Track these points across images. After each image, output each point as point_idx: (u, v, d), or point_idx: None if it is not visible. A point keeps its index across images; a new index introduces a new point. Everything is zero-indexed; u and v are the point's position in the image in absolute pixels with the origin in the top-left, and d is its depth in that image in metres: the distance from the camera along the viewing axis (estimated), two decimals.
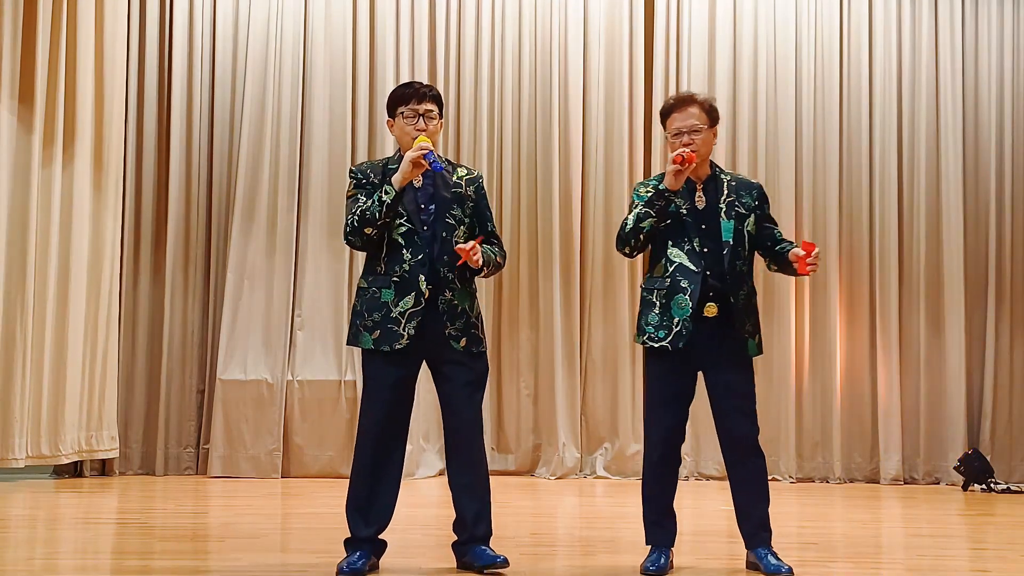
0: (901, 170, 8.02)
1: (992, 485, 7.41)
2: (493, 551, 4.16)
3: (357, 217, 4.14)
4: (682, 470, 5.01)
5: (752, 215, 4.36)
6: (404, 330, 4.11)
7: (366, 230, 4.14)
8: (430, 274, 4.15)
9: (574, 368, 7.81)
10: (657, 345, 4.25)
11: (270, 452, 7.44)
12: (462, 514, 4.20)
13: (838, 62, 8.03)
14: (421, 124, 4.21)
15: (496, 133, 7.92)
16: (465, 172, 4.36)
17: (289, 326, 7.60)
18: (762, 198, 4.42)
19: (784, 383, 7.79)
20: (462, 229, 4.24)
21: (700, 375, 4.35)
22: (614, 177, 7.90)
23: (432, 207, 4.21)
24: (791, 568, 4.19)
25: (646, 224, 4.24)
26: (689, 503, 6.35)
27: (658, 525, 4.33)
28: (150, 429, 7.56)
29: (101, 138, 7.24)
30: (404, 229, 4.16)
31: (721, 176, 4.38)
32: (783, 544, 4.35)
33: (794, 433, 7.77)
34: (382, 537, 4.22)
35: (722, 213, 4.30)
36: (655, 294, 4.30)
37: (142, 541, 4.95)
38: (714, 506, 6.29)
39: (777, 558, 4.22)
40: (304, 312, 7.64)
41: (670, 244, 4.29)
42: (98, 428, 7.19)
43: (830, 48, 8.04)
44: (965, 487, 7.49)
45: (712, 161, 4.41)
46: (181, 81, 7.70)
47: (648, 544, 4.34)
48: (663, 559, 4.26)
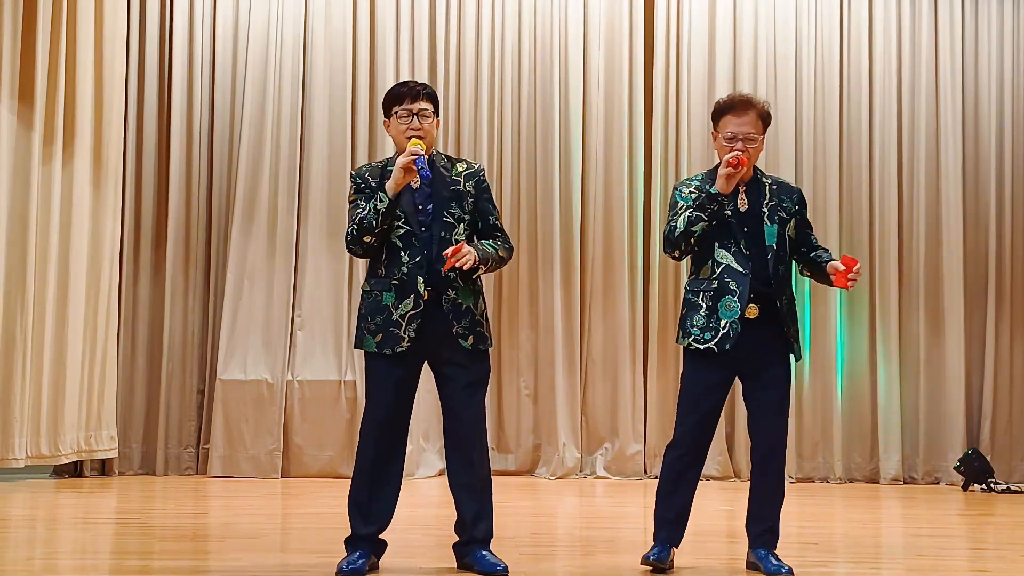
0: (901, 170, 8.02)
1: (992, 485, 7.41)
2: (494, 557, 4.13)
3: (356, 226, 4.12)
4: None
5: (792, 220, 4.34)
6: (405, 333, 4.10)
7: (365, 238, 4.11)
8: (429, 275, 4.12)
9: (574, 368, 7.81)
10: (703, 347, 4.21)
11: (270, 452, 7.44)
12: (462, 515, 4.19)
13: (838, 62, 8.02)
14: (416, 123, 4.16)
15: (496, 133, 7.92)
16: (465, 167, 4.30)
17: (289, 326, 7.60)
18: (802, 203, 4.40)
19: None
20: (462, 227, 4.19)
21: (736, 383, 4.33)
22: (614, 177, 7.89)
23: (430, 207, 4.17)
24: (791, 569, 4.18)
25: (698, 228, 4.18)
26: None
27: (667, 522, 4.30)
28: (150, 429, 7.55)
29: (100, 137, 7.24)
30: (402, 231, 4.14)
31: (763, 179, 4.34)
32: (783, 544, 4.35)
33: (794, 433, 7.74)
34: (382, 537, 4.21)
35: (765, 217, 4.26)
36: (701, 296, 4.25)
37: (142, 541, 4.95)
38: (714, 506, 6.28)
39: (778, 559, 4.22)
40: (304, 312, 7.64)
41: (716, 246, 4.23)
42: (98, 428, 7.18)
43: (830, 48, 8.03)
44: (965, 487, 7.49)
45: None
46: (181, 81, 7.69)
47: (654, 542, 4.31)
48: (665, 552, 4.25)
